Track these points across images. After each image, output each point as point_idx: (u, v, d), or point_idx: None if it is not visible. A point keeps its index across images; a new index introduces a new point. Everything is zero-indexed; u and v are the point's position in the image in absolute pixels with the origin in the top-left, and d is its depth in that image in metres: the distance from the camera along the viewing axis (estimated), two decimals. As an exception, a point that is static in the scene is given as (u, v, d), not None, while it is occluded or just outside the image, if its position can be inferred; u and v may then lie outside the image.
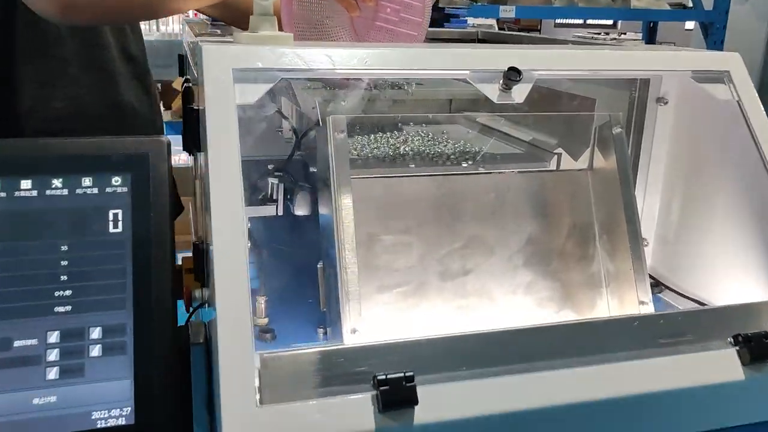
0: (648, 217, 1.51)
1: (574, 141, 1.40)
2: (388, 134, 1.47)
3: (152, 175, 1.06)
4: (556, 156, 1.38)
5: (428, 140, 1.48)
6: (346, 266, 1.12)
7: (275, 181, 1.28)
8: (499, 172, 1.37)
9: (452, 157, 1.39)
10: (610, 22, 11.19)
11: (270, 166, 1.31)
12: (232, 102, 0.99)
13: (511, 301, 1.32)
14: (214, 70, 1.01)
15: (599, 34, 9.54)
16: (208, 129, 0.97)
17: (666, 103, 1.40)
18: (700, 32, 5.97)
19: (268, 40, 1.08)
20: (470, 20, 5.63)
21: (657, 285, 1.48)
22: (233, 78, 1.01)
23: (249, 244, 1.29)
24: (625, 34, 9.46)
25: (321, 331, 1.25)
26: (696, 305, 1.39)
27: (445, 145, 1.49)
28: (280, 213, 1.29)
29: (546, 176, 1.39)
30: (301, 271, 1.34)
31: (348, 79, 1.32)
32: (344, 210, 1.13)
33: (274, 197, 1.28)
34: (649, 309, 1.25)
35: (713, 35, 5.74)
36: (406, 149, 1.40)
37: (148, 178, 1.06)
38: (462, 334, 1.00)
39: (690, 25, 7.91)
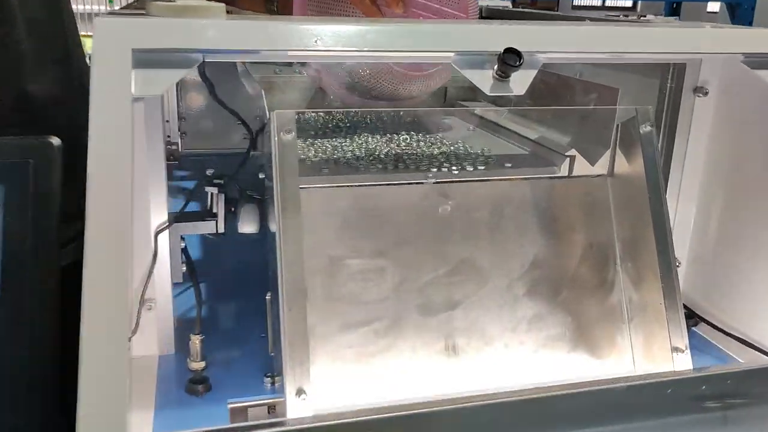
0: (680, 232, 1.25)
1: (591, 140, 1.13)
2: (358, 132, 1.21)
3: (35, 187, 0.81)
4: (568, 159, 1.12)
5: (410, 139, 1.21)
6: (290, 304, 0.86)
7: (214, 190, 1.02)
8: (498, 179, 1.11)
9: (439, 159, 1.13)
10: (629, 3, 10.80)
11: (209, 171, 1.05)
12: (126, 93, 0.73)
13: (510, 340, 1.07)
14: (106, 50, 0.75)
15: (618, 17, 9.15)
16: (90, 127, 0.72)
17: (705, 93, 1.13)
18: (726, 14, 5.63)
19: (189, 12, 0.82)
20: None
21: (691, 316, 1.21)
22: (133, 61, 0.75)
23: (184, 268, 1.05)
24: (645, 16, 9.05)
25: (269, 380, 1.00)
26: (740, 345, 1.12)
27: (431, 145, 1.23)
28: (222, 230, 1.03)
29: (556, 184, 1.13)
30: (250, 301, 1.08)
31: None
32: (289, 229, 0.87)
33: (214, 210, 1.02)
34: (685, 360, 0.98)
35: (740, 17, 5.40)
36: (381, 151, 1.14)
37: (28, 191, 0.81)
38: (447, 407, 0.75)
39: (714, 6, 7.55)
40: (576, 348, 1.09)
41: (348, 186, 1.04)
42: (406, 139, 1.27)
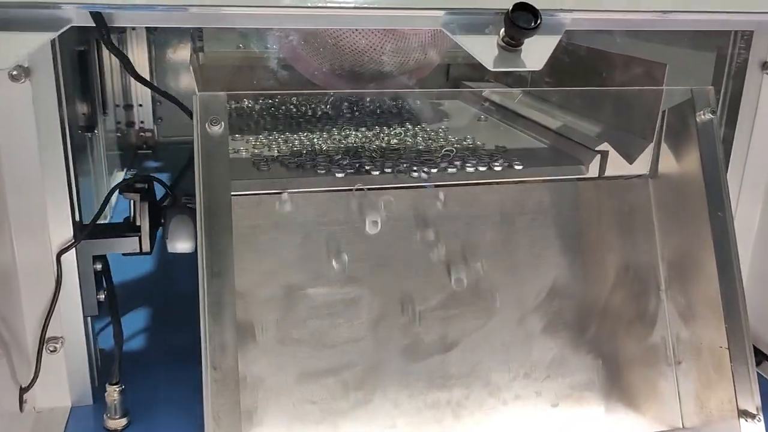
0: (740, 246, 0.98)
1: (629, 131, 0.88)
2: (329, 122, 0.97)
3: None
4: (598, 155, 0.86)
5: (398, 131, 0.97)
6: (217, 360, 0.63)
7: (135, 197, 0.78)
8: (509, 182, 0.86)
9: (434, 156, 0.88)
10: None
11: (130, 172, 0.81)
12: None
13: (523, 391, 0.83)
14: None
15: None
16: None
17: (776, 69, 0.87)
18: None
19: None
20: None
21: (755, 354, 0.95)
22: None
23: (101, 297, 0.81)
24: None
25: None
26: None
27: (424, 138, 0.98)
28: (146, 248, 0.79)
29: (583, 188, 0.88)
30: (187, 337, 0.84)
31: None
32: (214, 252, 0.63)
33: (138, 223, 0.79)
34: (756, 430, 0.73)
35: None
36: (359, 145, 0.90)
37: None
38: None
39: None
40: (608, 399, 0.85)
41: (310, 192, 0.79)
42: (394, 130, 1.02)
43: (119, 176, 1.26)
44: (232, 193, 0.66)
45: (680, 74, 0.90)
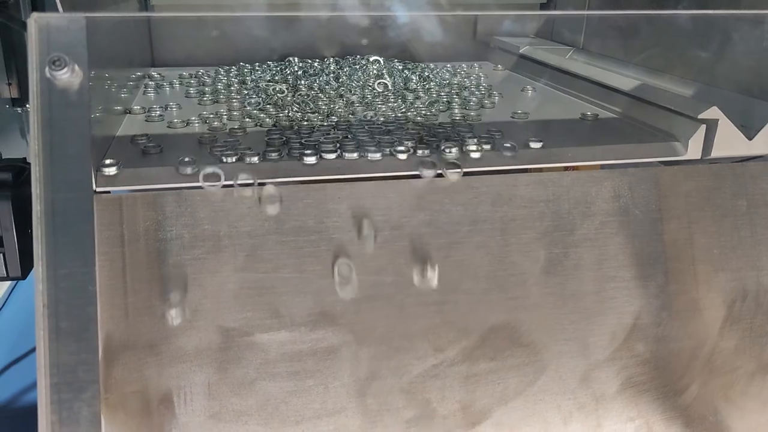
0: None
1: (750, 91, 0.59)
2: (276, 73, 0.71)
3: None
4: (702, 127, 0.57)
5: (393, 91, 0.69)
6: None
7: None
8: (561, 168, 0.58)
9: (446, 130, 0.60)
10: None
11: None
12: None
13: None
14: None
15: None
16: None
17: None
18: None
19: None
20: None
21: None
22: None
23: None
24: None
25: None
26: None
27: (433, 102, 0.70)
28: (16, 273, 0.52)
29: (678, 175, 0.59)
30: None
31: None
32: (57, 292, 0.36)
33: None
34: None
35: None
36: (329, 110, 0.63)
37: None
38: None
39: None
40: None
41: (257, 183, 0.51)
42: (388, 89, 0.74)
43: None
44: (138, 187, 0.39)
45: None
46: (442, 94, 0.76)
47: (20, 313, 1.05)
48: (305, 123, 0.63)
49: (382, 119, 0.65)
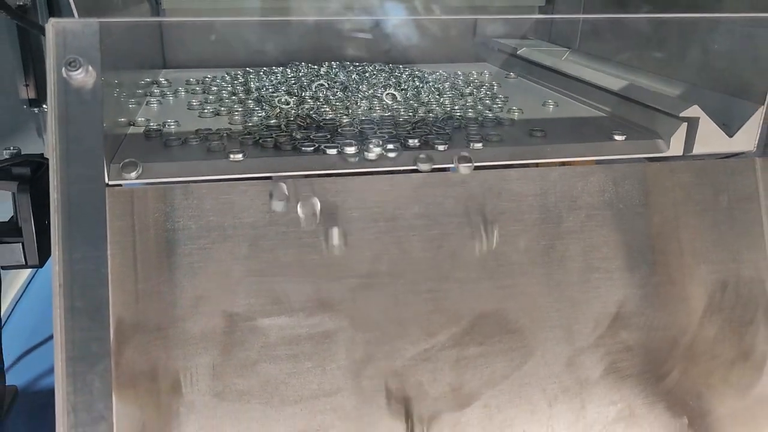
0: None
1: (729, 90, 0.62)
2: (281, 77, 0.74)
3: None
4: (684, 125, 0.60)
5: (392, 91, 0.72)
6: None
7: (12, 188, 0.54)
8: (553, 164, 0.61)
9: (444, 129, 0.63)
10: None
11: (7, 151, 0.57)
12: None
13: (572, 465, 0.57)
14: None
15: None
16: None
17: None
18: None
19: None
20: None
21: None
22: None
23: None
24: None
25: None
26: None
27: (433, 102, 0.73)
28: (34, 261, 0.56)
29: (662, 171, 0.62)
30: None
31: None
32: (73, 274, 0.39)
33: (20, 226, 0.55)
34: None
35: None
36: (332, 111, 0.66)
37: None
38: None
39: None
40: (698, 476, 0.59)
41: (260, 178, 0.55)
42: (387, 89, 0.77)
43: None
44: (148, 181, 0.43)
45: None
46: (456, 108, 0.73)
47: (37, 303, 1.09)
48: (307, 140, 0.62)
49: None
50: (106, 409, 0.40)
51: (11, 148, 0.56)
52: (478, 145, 0.59)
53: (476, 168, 0.59)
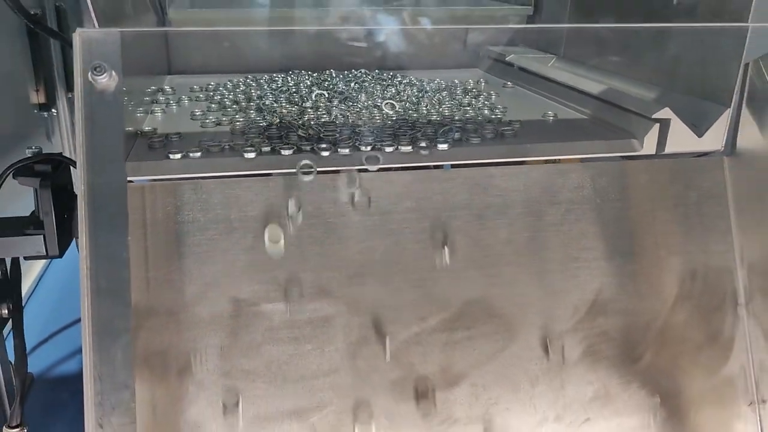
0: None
1: (697, 93, 0.67)
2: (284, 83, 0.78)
3: None
4: (656, 125, 0.65)
5: (391, 99, 0.77)
6: (105, 417, 0.43)
7: (35, 184, 0.59)
8: (536, 162, 0.66)
9: (433, 129, 0.68)
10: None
11: (29, 150, 0.62)
12: None
13: (552, 439, 0.62)
14: None
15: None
16: None
17: None
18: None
19: None
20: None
21: None
22: None
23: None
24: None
25: None
26: None
27: (425, 108, 0.77)
28: (54, 252, 0.60)
29: (636, 169, 0.67)
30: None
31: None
32: (98, 258, 0.44)
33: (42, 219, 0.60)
34: None
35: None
36: (331, 114, 0.70)
37: None
38: None
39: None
40: (669, 450, 0.64)
41: (264, 175, 0.60)
42: (386, 97, 0.82)
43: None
44: (154, 177, 0.47)
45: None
46: (456, 118, 0.74)
47: (49, 296, 1.13)
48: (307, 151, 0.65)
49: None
50: (128, 378, 0.44)
51: (33, 147, 0.61)
52: (475, 140, 0.64)
53: (464, 166, 0.64)
